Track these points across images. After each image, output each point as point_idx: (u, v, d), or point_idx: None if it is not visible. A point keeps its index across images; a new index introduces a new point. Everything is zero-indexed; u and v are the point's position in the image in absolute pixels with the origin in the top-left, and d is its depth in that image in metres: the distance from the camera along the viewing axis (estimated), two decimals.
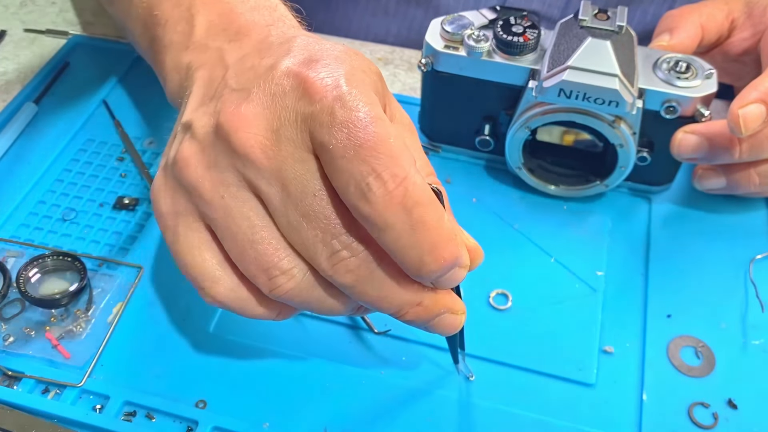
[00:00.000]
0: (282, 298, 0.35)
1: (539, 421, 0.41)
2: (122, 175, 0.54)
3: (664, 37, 0.50)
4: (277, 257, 0.34)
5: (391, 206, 0.31)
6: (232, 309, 0.37)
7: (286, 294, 0.34)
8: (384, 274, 0.34)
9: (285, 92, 0.33)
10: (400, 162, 0.31)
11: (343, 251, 0.33)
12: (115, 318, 0.45)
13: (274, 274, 0.34)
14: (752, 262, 0.48)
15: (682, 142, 0.46)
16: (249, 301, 0.36)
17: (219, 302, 0.36)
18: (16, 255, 0.48)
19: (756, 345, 0.44)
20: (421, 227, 0.31)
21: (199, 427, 0.40)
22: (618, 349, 0.44)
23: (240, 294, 0.36)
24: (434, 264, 0.32)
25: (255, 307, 0.37)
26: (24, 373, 0.42)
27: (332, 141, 0.31)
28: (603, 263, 0.48)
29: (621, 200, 0.52)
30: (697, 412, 0.42)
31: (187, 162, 0.35)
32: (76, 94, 0.60)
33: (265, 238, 0.34)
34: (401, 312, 0.35)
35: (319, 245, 0.33)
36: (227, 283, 0.36)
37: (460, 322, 0.37)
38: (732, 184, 0.49)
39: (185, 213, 0.36)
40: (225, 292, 0.36)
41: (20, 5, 0.69)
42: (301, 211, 0.33)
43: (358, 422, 0.41)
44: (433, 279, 0.33)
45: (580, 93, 0.45)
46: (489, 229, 0.50)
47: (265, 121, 0.33)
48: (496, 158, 0.53)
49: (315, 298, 0.35)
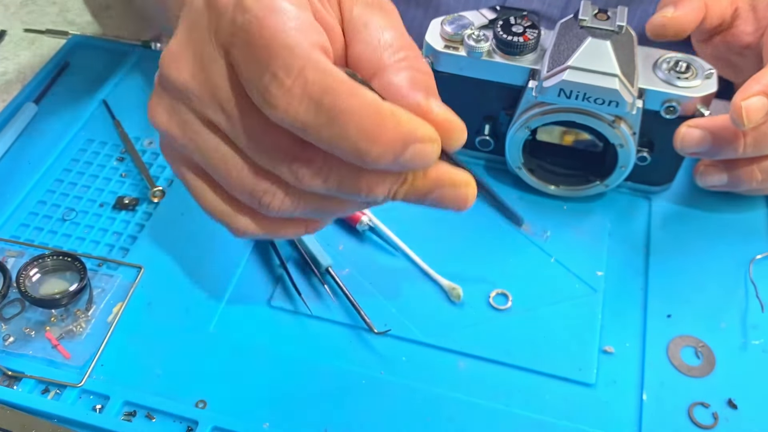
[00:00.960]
0: (281, 214, 0.34)
1: (539, 421, 0.41)
2: (122, 175, 0.54)
3: (668, 9, 0.49)
4: (253, 180, 0.33)
5: (295, 103, 0.29)
6: (261, 236, 0.36)
7: (280, 209, 0.33)
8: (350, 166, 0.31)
9: (199, 15, 0.32)
10: (296, 51, 0.28)
11: (296, 162, 0.31)
12: (115, 318, 0.45)
13: (259, 195, 0.33)
14: (752, 262, 0.48)
15: (686, 137, 0.46)
16: (272, 224, 0.36)
17: (245, 234, 0.36)
18: (16, 255, 0.48)
19: (756, 345, 0.44)
20: (340, 117, 0.29)
21: (199, 427, 0.40)
22: (618, 349, 0.44)
23: (259, 221, 0.36)
24: (376, 151, 0.29)
25: (281, 228, 0.36)
26: (24, 373, 0.42)
27: (234, 51, 0.30)
28: (603, 263, 0.48)
29: (621, 200, 0.52)
30: (697, 412, 0.42)
31: (154, 112, 0.35)
32: (76, 94, 0.60)
33: (237, 166, 0.33)
34: (390, 196, 0.33)
35: (276, 161, 0.32)
36: (243, 215, 0.36)
37: (466, 195, 0.34)
38: (734, 181, 0.48)
39: (180, 161, 0.36)
40: (245, 223, 0.36)
41: (20, 5, 0.69)
42: (246, 132, 0.32)
43: (358, 422, 0.41)
44: (391, 165, 0.30)
45: (580, 93, 0.45)
46: (489, 229, 0.50)
47: (189, 50, 0.32)
48: (496, 158, 0.53)
49: (312, 203, 0.34)
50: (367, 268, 0.48)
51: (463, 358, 0.44)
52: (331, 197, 0.34)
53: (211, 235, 0.50)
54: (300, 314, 0.46)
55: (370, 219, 0.50)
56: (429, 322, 0.45)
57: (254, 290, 0.47)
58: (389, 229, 0.49)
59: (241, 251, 0.49)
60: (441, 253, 0.48)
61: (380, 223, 0.49)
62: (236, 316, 0.46)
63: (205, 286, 0.47)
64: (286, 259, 0.48)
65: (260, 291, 0.47)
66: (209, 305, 0.46)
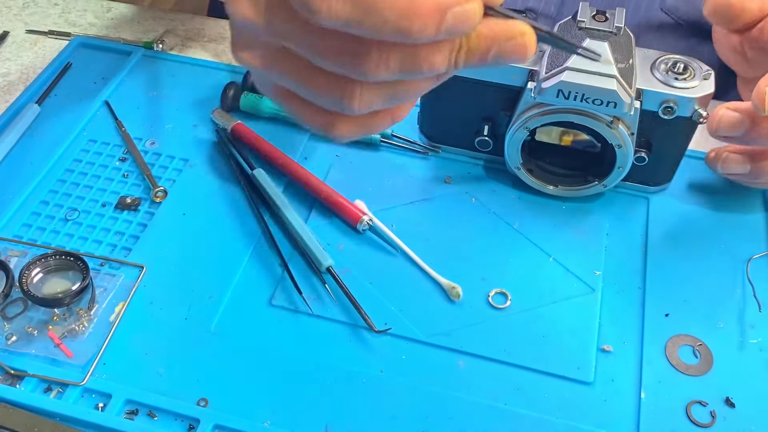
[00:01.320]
0: (365, 110, 0.36)
1: (538, 419, 0.42)
2: (124, 175, 0.54)
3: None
4: (330, 87, 0.35)
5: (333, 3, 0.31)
6: (361, 136, 0.39)
7: (361, 107, 0.36)
8: (404, 47, 0.33)
9: None
10: None
11: (357, 58, 0.33)
12: (117, 317, 0.45)
13: (339, 99, 0.36)
14: (749, 261, 0.48)
15: (723, 118, 0.45)
16: (363, 122, 0.38)
17: (347, 137, 0.39)
18: (19, 254, 0.48)
19: (753, 344, 0.45)
20: (374, 5, 0.31)
21: (201, 426, 0.41)
22: (616, 348, 0.44)
23: (352, 122, 0.38)
24: (416, 26, 0.31)
25: (371, 123, 0.38)
26: (27, 372, 0.43)
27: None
28: (601, 263, 0.49)
29: (619, 200, 0.52)
30: (695, 410, 0.42)
31: (237, 51, 0.37)
32: (79, 95, 0.60)
33: (312, 79, 0.35)
34: (453, 65, 0.34)
35: (340, 63, 0.34)
36: (338, 119, 0.38)
37: (524, 44, 0.34)
38: (756, 172, 0.48)
39: (273, 90, 0.38)
40: (341, 128, 0.38)
41: (23, 6, 0.69)
42: (308, 45, 0.34)
43: (359, 421, 0.41)
44: (439, 35, 0.32)
45: (578, 94, 0.45)
46: (488, 229, 0.50)
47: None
48: (495, 158, 0.54)
49: (386, 91, 0.36)
50: (367, 267, 0.48)
51: (463, 356, 0.44)
52: (400, 81, 0.36)
53: (212, 234, 0.50)
54: (300, 313, 0.46)
55: (370, 219, 0.50)
56: (429, 321, 0.45)
57: (255, 289, 0.47)
58: (389, 229, 0.49)
59: (242, 251, 0.49)
60: (441, 253, 0.49)
61: (380, 223, 0.50)
62: (237, 315, 0.46)
63: (207, 285, 0.47)
64: (287, 259, 0.48)
65: (261, 290, 0.47)
66: (211, 304, 0.46)
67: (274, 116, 0.57)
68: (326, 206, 0.51)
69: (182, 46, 0.65)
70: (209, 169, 0.54)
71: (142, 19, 0.68)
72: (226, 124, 0.56)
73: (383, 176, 0.54)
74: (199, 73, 0.61)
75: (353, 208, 0.50)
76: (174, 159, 0.55)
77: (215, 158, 0.55)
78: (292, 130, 0.57)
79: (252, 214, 0.51)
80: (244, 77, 0.59)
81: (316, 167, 0.54)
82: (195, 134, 0.57)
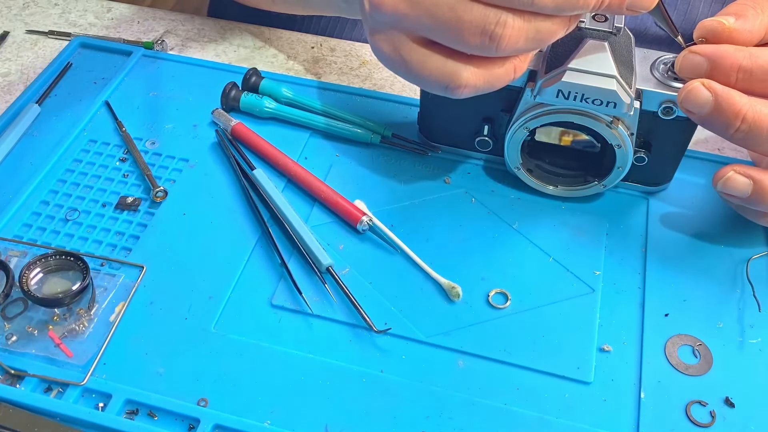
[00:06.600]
0: (507, 49, 0.39)
1: (538, 419, 0.42)
2: (125, 175, 0.54)
3: (729, 18, 0.45)
4: (485, 13, 0.38)
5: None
6: (481, 88, 0.42)
7: (509, 42, 0.39)
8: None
9: None
10: None
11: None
12: (117, 317, 0.46)
13: (491, 27, 0.38)
14: (749, 261, 0.48)
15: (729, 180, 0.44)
16: (489, 69, 0.41)
17: (467, 89, 0.41)
18: (19, 254, 0.49)
19: (753, 344, 0.45)
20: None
21: (201, 425, 0.41)
22: (616, 348, 0.45)
23: (480, 69, 0.41)
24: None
25: (495, 72, 0.42)
26: (27, 372, 0.43)
27: None
28: (601, 263, 0.49)
29: (619, 200, 0.53)
30: (695, 410, 0.42)
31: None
32: (79, 95, 0.60)
33: (467, 8, 0.39)
34: (598, 4, 0.39)
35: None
36: (466, 69, 0.41)
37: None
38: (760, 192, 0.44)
39: (401, 44, 0.41)
40: (467, 76, 0.41)
41: (23, 7, 0.69)
42: None
43: (359, 420, 0.41)
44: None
45: (578, 94, 0.45)
46: (488, 228, 0.51)
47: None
48: (495, 159, 0.54)
49: (534, 27, 0.39)
50: (367, 267, 0.48)
51: (463, 356, 0.44)
52: (551, 17, 0.39)
53: (212, 234, 0.50)
54: (301, 313, 0.46)
55: (370, 219, 0.50)
56: (428, 320, 0.46)
57: (256, 289, 0.47)
58: (389, 229, 0.50)
59: (242, 251, 0.49)
60: (440, 253, 0.49)
61: (380, 223, 0.50)
62: (238, 315, 0.46)
63: (207, 285, 0.47)
64: (287, 259, 0.48)
65: (261, 290, 0.47)
66: (211, 304, 0.46)
67: (274, 116, 0.57)
68: (326, 206, 0.51)
69: (182, 46, 0.65)
70: (209, 169, 0.54)
71: (142, 19, 0.68)
72: (226, 124, 0.56)
73: (383, 176, 0.54)
74: (199, 73, 0.62)
75: (353, 208, 0.50)
76: (174, 159, 0.55)
77: (215, 158, 0.55)
78: (292, 130, 0.57)
79: (252, 214, 0.51)
80: (244, 77, 0.59)
81: (316, 167, 0.54)
82: (195, 134, 0.57)
